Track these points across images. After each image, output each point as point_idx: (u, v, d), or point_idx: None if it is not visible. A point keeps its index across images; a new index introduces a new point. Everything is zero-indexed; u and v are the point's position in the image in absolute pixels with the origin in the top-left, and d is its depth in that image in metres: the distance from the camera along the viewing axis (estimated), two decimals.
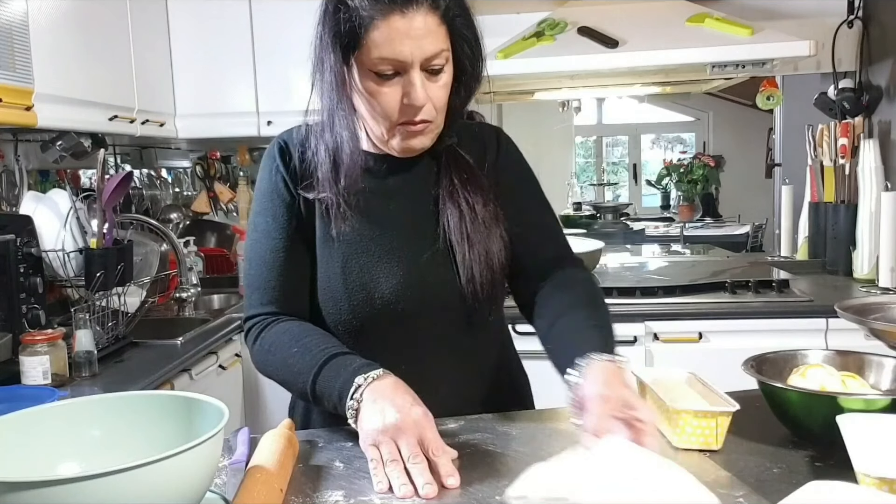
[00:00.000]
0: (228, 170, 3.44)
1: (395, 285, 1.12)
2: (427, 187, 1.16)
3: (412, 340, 1.14)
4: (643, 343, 2.36)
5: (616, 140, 8.14)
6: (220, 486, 0.94)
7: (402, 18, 1.00)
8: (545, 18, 2.70)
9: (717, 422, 1.00)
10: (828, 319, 2.28)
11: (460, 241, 1.12)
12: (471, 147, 1.19)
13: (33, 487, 0.65)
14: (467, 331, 1.17)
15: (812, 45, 2.44)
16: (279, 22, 2.68)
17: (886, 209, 2.48)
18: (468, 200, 1.14)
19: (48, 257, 1.98)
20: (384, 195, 1.15)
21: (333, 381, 1.01)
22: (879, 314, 1.27)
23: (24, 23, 1.82)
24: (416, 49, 1.01)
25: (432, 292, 1.13)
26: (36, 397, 1.50)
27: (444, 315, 1.14)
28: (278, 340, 1.11)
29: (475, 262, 1.12)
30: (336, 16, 1.02)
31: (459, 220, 1.13)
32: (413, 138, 1.09)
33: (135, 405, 0.88)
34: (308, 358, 1.05)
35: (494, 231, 1.15)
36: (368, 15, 1.00)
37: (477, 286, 1.12)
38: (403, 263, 1.12)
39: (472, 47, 1.09)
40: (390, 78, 1.04)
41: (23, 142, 2.26)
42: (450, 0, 1.04)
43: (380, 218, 1.14)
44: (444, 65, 1.05)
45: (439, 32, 1.03)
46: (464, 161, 1.17)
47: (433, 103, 1.06)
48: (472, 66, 1.11)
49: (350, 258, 1.12)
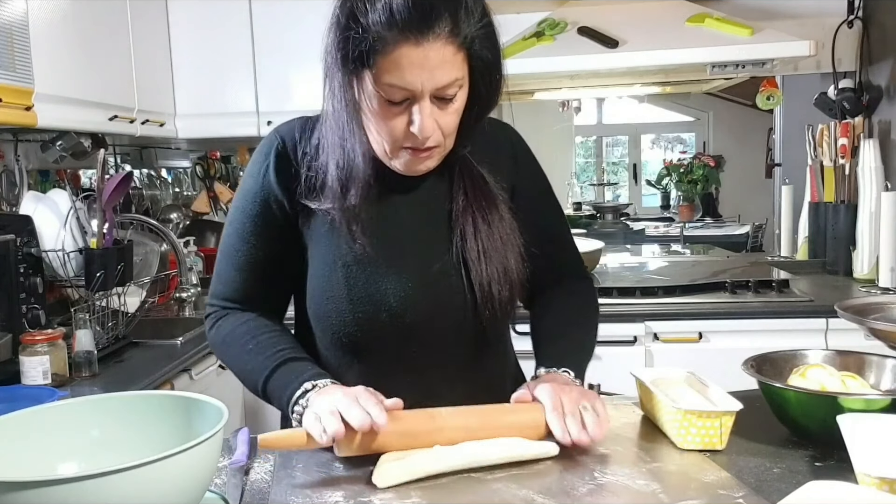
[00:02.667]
0: (228, 170, 3.44)
1: (403, 298, 1.08)
2: (439, 201, 1.11)
3: (417, 353, 1.11)
4: (643, 343, 2.36)
5: (616, 140, 8.13)
6: (219, 486, 0.94)
7: (415, 49, 0.93)
8: (545, 18, 2.70)
9: (722, 422, 1.00)
10: (828, 319, 2.28)
11: (477, 259, 1.08)
12: (483, 152, 1.14)
13: (33, 487, 0.65)
14: (474, 344, 1.14)
15: (812, 45, 2.44)
16: (279, 22, 2.68)
17: (886, 209, 2.48)
18: (484, 216, 1.09)
19: (48, 257, 1.98)
20: (393, 206, 1.11)
21: (283, 391, 1.03)
22: (879, 314, 1.27)
23: (23, 23, 1.82)
24: (427, 80, 0.95)
25: (441, 307, 1.09)
26: (36, 397, 1.50)
27: (451, 330, 1.11)
28: (234, 332, 1.12)
29: (493, 281, 1.08)
30: (346, 32, 0.95)
31: (475, 236, 1.09)
32: (418, 163, 1.04)
33: (134, 405, 0.88)
34: (261, 358, 1.06)
35: (512, 245, 1.11)
36: (381, 38, 0.93)
37: (495, 304, 1.09)
38: (412, 277, 1.08)
39: (492, 69, 1.02)
40: (399, 104, 0.98)
41: (23, 142, 2.26)
42: (473, 23, 0.96)
43: (388, 229, 1.09)
44: (457, 92, 0.99)
45: (455, 61, 0.96)
46: (477, 172, 1.12)
47: (442, 130, 1.01)
48: (489, 89, 1.04)
49: (353, 269, 1.08)
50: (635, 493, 0.88)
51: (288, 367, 1.05)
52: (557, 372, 1.10)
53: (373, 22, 0.93)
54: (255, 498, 0.92)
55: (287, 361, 1.05)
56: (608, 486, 0.90)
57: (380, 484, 0.91)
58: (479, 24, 0.97)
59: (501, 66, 1.03)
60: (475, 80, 1.01)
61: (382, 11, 0.92)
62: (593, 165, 7.93)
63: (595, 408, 1.00)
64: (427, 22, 0.92)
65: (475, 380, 1.15)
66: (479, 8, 0.98)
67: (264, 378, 1.05)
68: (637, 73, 2.91)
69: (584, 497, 0.88)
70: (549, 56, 2.56)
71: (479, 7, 0.98)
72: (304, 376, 1.02)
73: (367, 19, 0.93)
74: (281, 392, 1.03)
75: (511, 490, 0.90)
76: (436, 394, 1.07)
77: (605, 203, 5.51)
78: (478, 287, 1.08)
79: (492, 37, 1.00)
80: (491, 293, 1.08)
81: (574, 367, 1.11)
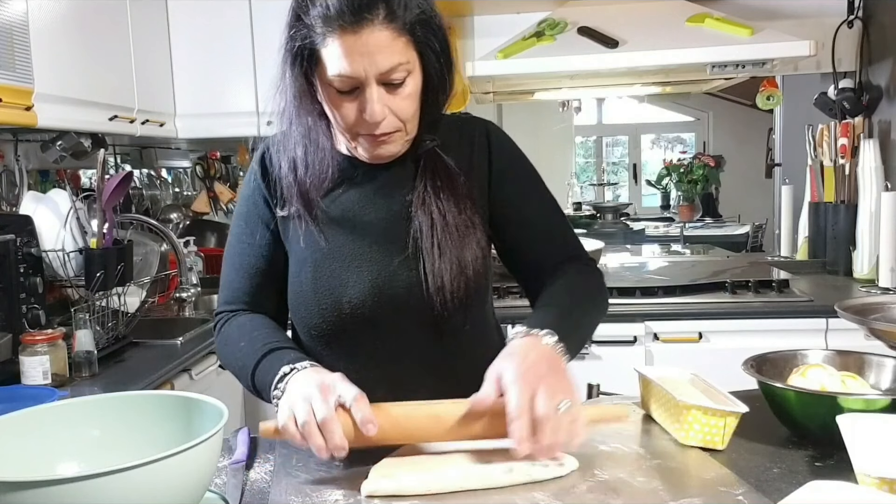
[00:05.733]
0: (228, 170, 3.44)
1: (362, 291, 1.10)
2: (402, 192, 1.13)
3: (383, 346, 1.12)
4: (643, 343, 2.37)
5: (616, 140, 8.13)
6: (219, 486, 0.94)
7: (353, 36, 0.98)
8: (545, 18, 2.70)
9: (726, 422, 1.00)
10: (828, 319, 2.28)
11: (430, 249, 1.09)
12: (457, 147, 1.16)
13: (33, 487, 0.65)
14: (439, 338, 1.13)
15: (812, 45, 2.44)
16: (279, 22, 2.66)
17: (886, 209, 2.48)
18: (440, 207, 1.11)
19: (48, 257, 1.98)
20: (359, 199, 1.13)
21: (266, 376, 1.03)
22: (879, 314, 1.27)
23: (24, 23, 1.82)
24: (368, 66, 0.99)
25: (400, 299, 1.10)
26: (36, 397, 1.50)
27: (413, 322, 1.11)
28: (231, 334, 1.14)
29: (445, 271, 1.09)
30: (292, 31, 1.02)
31: (430, 227, 1.10)
32: (379, 147, 1.08)
33: (134, 405, 0.88)
34: (250, 352, 1.07)
35: (469, 238, 1.12)
36: (321, 32, 0.99)
37: (447, 294, 1.09)
38: (372, 269, 1.11)
39: (439, 56, 1.06)
40: (349, 93, 1.02)
41: (23, 142, 2.26)
42: (411, 10, 1.00)
43: (353, 222, 1.12)
44: (405, 77, 1.02)
45: (395, 46, 0.99)
46: (442, 165, 1.13)
47: (397, 115, 1.04)
48: (440, 76, 1.07)
49: (321, 263, 1.11)
50: (636, 491, 0.88)
51: (271, 356, 1.05)
52: (536, 335, 0.99)
53: (313, 17, 0.99)
54: (255, 498, 0.92)
55: (271, 352, 1.05)
56: (609, 484, 0.90)
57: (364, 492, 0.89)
58: (417, 9, 1.01)
59: (449, 52, 1.07)
60: (425, 65, 1.05)
61: (321, 7, 0.99)
62: (593, 165, 7.93)
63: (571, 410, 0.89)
64: (361, 11, 0.97)
65: (448, 373, 1.13)
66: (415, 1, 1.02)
67: (251, 373, 1.06)
68: (637, 73, 2.91)
69: (584, 494, 0.88)
70: (549, 56, 2.56)
71: None
72: (283, 361, 1.02)
73: (309, 16, 1.00)
74: (264, 383, 1.03)
75: (512, 488, 0.90)
76: (405, 386, 1.08)
77: (605, 203, 5.52)
78: (430, 280, 1.09)
79: (432, 23, 1.04)
80: (443, 284, 1.09)
81: (560, 331, 0.99)
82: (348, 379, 0.97)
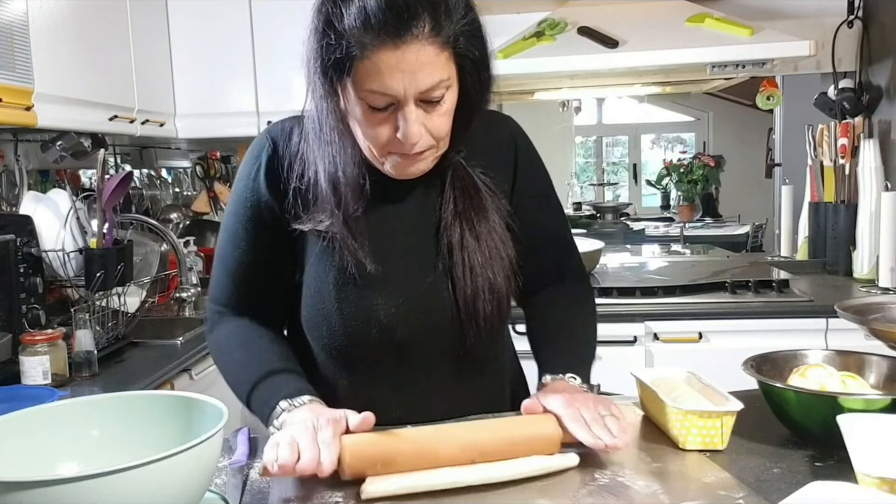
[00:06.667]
0: (228, 170, 3.44)
1: (393, 314, 1.05)
2: (430, 209, 1.07)
3: (408, 368, 1.09)
4: (643, 343, 2.36)
5: (616, 140, 8.14)
6: (219, 486, 0.94)
7: (394, 52, 0.88)
8: (545, 18, 2.70)
9: (723, 422, 1.00)
10: (828, 319, 2.28)
11: (462, 274, 1.04)
12: (482, 149, 1.10)
13: (33, 487, 0.65)
14: (465, 359, 1.10)
15: (812, 45, 2.44)
16: (279, 22, 2.68)
17: (886, 209, 2.48)
18: (472, 228, 1.05)
19: (48, 257, 1.98)
20: (384, 216, 1.07)
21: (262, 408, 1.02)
22: (879, 314, 1.27)
23: (24, 23, 1.82)
24: (409, 84, 0.90)
25: (432, 322, 1.06)
26: (36, 397, 1.50)
27: (443, 344, 1.08)
28: (225, 341, 1.12)
29: (478, 297, 1.04)
30: (323, 39, 0.91)
31: (461, 249, 1.04)
32: (409, 166, 1.00)
33: (134, 405, 0.88)
34: (245, 372, 1.06)
35: (501, 259, 1.06)
36: (357, 43, 0.89)
37: (480, 321, 1.06)
38: (402, 292, 1.05)
39: (480, 67, 0.97)
40: (383, 110, 0.93)
41: (23, 142, 2.26)
42: (456, 20, 0.92)
43: (380, 242, 1.05)
44: (444, 94, 0.94)
45: (437, 62, 0.91)
46: (470, 180, 1.07)
47: (432, 133, 0.96)
48: (479, 88, 0.99)
49: (345, 283, 1.05)
50: (636, 494, 0.88)
51: (268, 382, 1.03)
52: (564, 379, 1.07)
53: (348, 26, 0.89)
54: (255, 498, 0.92)
55: (268, 375, 1.03)
56: (608, 487, 0.90)
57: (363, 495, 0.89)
58: (462, 20, 0.93)
59: (490, 62, 0.99)
60: (464, 79, 0.97)
61: (357, 15, 0.88)
62: (593, 165, 7.94)
63: (613, 413, 0.98)
64: (404, 23, 0.88)
65: (467, 393, 1.13)
66: (462, 3, 0.94)
67: (247, 394, 1.05)
68: (637, 73, 2.91)
69: (584, 498, 0.88)
70: (549, 56, 2.56)
71: (462, 2, 0.94)
72: (280, 394, 1.00)
73: (343, 24, 0.89)
74: (260, 412, 1.03)
75: (512, 492, 0.90)
76: (427, 407, 1.06)
77: (605, 203, 5.51)
78: (462, 303, 1.05)
79: (477, 33, 0.96)
80: (476, 309, 1.05)
81: (580, 372, 1.09)
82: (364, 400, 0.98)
